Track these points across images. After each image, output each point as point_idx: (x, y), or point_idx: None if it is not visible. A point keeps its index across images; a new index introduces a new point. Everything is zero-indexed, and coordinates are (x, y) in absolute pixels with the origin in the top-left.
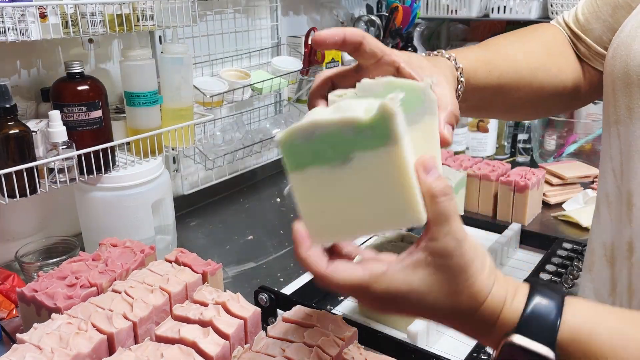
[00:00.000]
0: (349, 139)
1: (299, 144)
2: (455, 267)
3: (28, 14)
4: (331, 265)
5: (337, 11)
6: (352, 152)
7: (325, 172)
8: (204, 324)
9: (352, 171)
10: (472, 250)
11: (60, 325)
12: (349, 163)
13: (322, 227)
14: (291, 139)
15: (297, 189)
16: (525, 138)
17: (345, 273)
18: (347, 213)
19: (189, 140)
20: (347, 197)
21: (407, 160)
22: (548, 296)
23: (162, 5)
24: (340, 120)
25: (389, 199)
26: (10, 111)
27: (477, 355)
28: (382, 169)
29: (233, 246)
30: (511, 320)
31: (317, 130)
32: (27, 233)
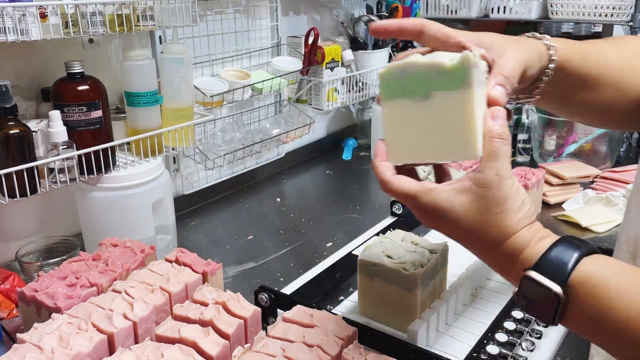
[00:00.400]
0: (433, 79)
1: (393, 78)
2: (490, 198)
3: (28, 14)
4: (394, 175)
5: (337, 11)
6: (433, 90)
7: (410, 104)
8: (204, 323)
9: (430, 107)
10: (511, 190)
11: (61, 325)
12: (429, 99)
13: (399, 149)
14: (388, 73)
15: (385, 116)
16: (525, 138)
17: (403, 183)
18: (421, 141)
19: (189, 140)
20: (422, 128)
21: (475, 103)
22: (572, 246)
23: (162, 6)
24: (429, 63)
25: (454, 134)
26: (10, 111)
27: (477, 355)
28: (454, 107)
29: (233, 246)
30: (532, 259)
31: (410, 68)
32: (27, 233)
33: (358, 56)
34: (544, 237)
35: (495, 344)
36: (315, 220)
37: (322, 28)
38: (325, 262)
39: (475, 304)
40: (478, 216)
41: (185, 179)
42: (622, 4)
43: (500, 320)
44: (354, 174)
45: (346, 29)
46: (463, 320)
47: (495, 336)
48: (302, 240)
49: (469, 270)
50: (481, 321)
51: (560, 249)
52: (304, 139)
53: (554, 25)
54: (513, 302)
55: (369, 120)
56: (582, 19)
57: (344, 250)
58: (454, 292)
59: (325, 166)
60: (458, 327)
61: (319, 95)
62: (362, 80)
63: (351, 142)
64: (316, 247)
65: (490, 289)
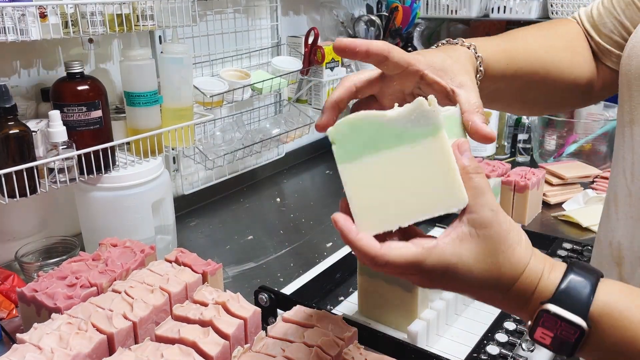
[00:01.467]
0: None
1: (350, 137)
2: (495, 236)
3: (28, 13)
4: (384, 246)
5: (337, 11)
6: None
7: (376, 162)
8: (204, 324)
9: (402, 159)
10: (507, 222)
11: (60, 325)
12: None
13: (372, 216)
14: (343, 133)
15: (348, 182)
16: (525, 138)
17: (400, 250)
18: (397, 201)
19: (189, 140)
20: (396, 185)
21: (449, 148)
22: (583, 274)
23: (162, 5)
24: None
25: (436, 184)
26: (10, 111)
27: (477, 355)
28: (431, 155)
29: (233, 246)
30: (547, 292)
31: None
32: (27, 233)
33: None
34: (553, 267)
35: (495, 344)
36: (315, 220)
37: (322, 28)
38: (325, 262)
39: (475, 304)
40: (489, 259)
41: (185, 179)
42: None
43: (500, 320)
44: None
45: (346, 29)
46: (463, 320)
47: (495, 336)
48: (302, 240)
49: None
50: (481, 321)
51: (575, 278)
52: (304, 139)
53: None
54: None
55: None
56: None
57: (344, 250)
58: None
59: (325, 166)
60: (458, 327)
61: (319, 95)
62: None
63: None
64: (316, 247)
65: None
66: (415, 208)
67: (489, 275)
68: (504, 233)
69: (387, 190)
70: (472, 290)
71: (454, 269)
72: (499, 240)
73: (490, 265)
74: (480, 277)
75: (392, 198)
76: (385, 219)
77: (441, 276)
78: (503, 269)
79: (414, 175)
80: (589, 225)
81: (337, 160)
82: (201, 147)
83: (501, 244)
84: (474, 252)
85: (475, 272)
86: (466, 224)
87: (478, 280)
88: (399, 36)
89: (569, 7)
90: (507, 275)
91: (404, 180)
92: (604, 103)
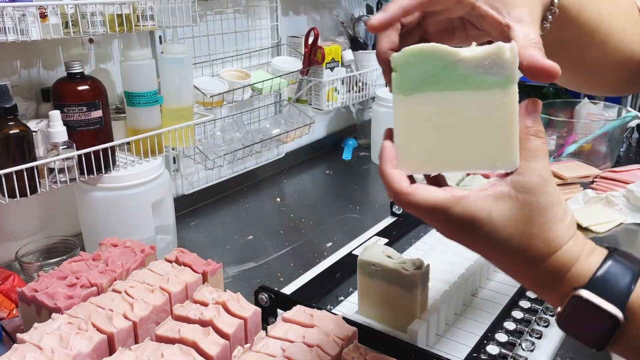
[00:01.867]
0: (468, 72)
1: (414, 67)
2: (534, 205)
3: (28, 14)
4: (412, 186)
5: (337, 11)
6: (465, 85)
7: (433, 101)
8: (204, 323)
9: (461, 105)
10: (555, 195)
11: (61, 325)
12: (459, 96)
13: (414, 155)
14: (408, 61)
15: (399, 114)
16: None
17: (427, 193)
18: (443, 146)
19: (189, 140)
20: (447, 130)
21: (517, 105)
22: (625, 262)
23: (162, 6)
24: (469, 53)
25: (490, 139)
26: (10, 111)
27: (477, 355)
28: (494, 107)
29: (233, 246)
30: (582, 277)
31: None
32: (27, 233)
33: (358, 56)
34: (592, 251)
35: (495, 344)
36: (315, 220)
37: (322, 28)
38: (325, 262)
39: (475, 304)
40: (521, 227)
41: (185, 179)
42: None
43: (500, 320)
44: (354, 174)
45: (346, 29)
46: (463, 320)
47: (495, 336)
48: (302, 240)
49: (469, 271)
50: (481, 321)
51: (614, 266)
52: (304, 139)
53: None
54: (513, 302)
55: (369, 120)
56: None
57: (344, 250)
58: (453, 292)
59: (325, 166)
60: (458, 327)
61: (319, 95)
62: (362, 80)
63: (351, 142)
64: (316, 247)
65: (490, 289)
66: (461, 158)
67: (516, 243)
68: (547, 205)
69: (437, 133)
70: (496, 255)
71: (479, 224)
72: (538, 210)
73: (520, 233)
74: (506, 241)
75: (440, 142)
76: (426, 161)
77: (465, 229)
78: (534, 241)
79: (469, 125)
80: (588, 225)
81: (394, 89)
82: (201, 147)
83: (539, 215)
84: (506, 214)
85: (502, 235)
86: (508, 184)
87: (504, 244)
88: None
89: None
90: (537, 249)
91: (457, 127)
92: (603, 103)
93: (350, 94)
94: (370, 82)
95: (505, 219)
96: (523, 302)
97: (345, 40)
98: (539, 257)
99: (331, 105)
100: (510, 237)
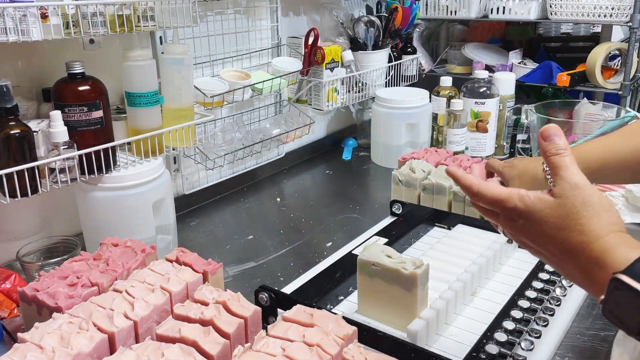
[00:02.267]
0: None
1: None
2: (568, 205)
3: (29, 14)
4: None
5: (337, 12)
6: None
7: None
8: (205, 323)
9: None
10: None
11: (62, 325)
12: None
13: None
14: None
15: None
16: (525, 138)
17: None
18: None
19: (190, 140)
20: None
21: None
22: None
23: (163, 6)
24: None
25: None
26: (11, 111)
27: (477, 354)
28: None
29: (233, 246)
30: (622, 264)
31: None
32: (28, 233)
33: (358, 57)
34: (637, 246)
35: (494, 344)
36: (315, 220)
37: (322, 28)
38: (325, 262)
39: (474, 303)
40: (557, 222)
41: (186, 179)
42: (621, 4)
43: (500, 319)
44: (353, 174)
45: (346, 29)
46: (463, 319)
47: (495, 335)
48: (302, 240)
49: (469, 271)
50: (480, 321)
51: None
52: (304, 139)
53: (553, 26)
54: (513, 302)
55: (369, 121)
56: (581, 20)
57: (343, 250)
58: (453, 292)
59: (325, 166)
60: (457, 326)
61: (319, 95)
62: (362, 81)
63: (351, 142)
64: (316, 247)
65: (489, 289)
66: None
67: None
68: (581, 203)
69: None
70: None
71: (528, 214)
72: (574, 207)
73: (557, 228)
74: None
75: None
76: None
77: (519, 218)
78: (570, 233)
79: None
80: None
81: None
82: (202, 147)
83: (574, 212)
84: (545, 211)
85: (545, 228)
86: (548, 193)
87: (547, 235)
88: (398, 37)
89: (568, 8)
90: (575, 239)
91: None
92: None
93: (350, 94)
94: (370, 83)
95: (546, 215)
96: (522, 301)
97: (345, 41)
98: (578, 246)
99: (331, 106)
100: (550, 229)
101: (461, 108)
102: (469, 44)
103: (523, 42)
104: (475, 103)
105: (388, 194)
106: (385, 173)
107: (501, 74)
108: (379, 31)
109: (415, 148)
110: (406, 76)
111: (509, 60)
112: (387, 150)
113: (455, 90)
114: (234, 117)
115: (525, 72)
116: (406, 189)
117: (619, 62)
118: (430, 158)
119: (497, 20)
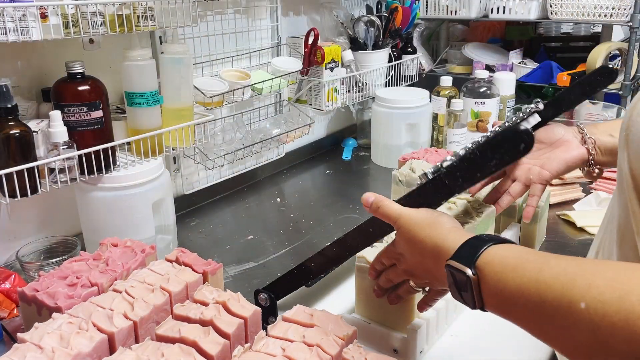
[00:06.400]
0: None
1: None
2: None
3: (29, 14)
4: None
5: (337, 12)
6: None
7: None
8: (205, 323)
9: None
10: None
11: (61, 325)
12: None
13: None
14: None
15: None
16: None
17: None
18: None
19: (189, 140)
20: None
21: None
22: (485, 238)
23: (163, 6)
24: None
25: None
26: (11, 111)
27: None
28: None
29: (233, 246)
30: (452, 252)
31: None
32: (28, 233)
33: (358, 56)
34: (467, 235)
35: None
36: (315, 220)
37: (322, 28)
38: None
39: None
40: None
41: (186, 179)
42: (621, 4)
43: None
44: (353, 174)
45: (346, 29)
46: (463, 319)
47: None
48: (302, 240)
49: None
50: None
51: (473, 240)
52: (304, 139)
53: (553, 26)
54: None
55: (369, 120)
56: (582, 19)
57: None
58: None
59: (325, 166)
60: (457, 326)
61: (319, 95)
62: (362, 81)
63: (351, 142)
64: (316, 247)
65: None
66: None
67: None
68: (412, 227)
69: None
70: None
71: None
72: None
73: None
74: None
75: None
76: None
77: (398, 256)
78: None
79: None
80: (583, 225)
81: None
82: (201, 147)
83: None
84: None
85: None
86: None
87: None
88: (398, 37)
89: (569, 8)
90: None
91: None
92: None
93: (350, 94)
94: (370, 82)
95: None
96: None
97: (345, 41)
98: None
99: (331, 106)
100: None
101: (461, 108)
102: (469, 44)
103: (523, 42)
104: (476, 103)
105: (388, 194)
106: (385, 173)
107: (501, 73)
108: (379, 31)
109: (415, 148)
110: (406, 76)
111: (509, 60)
112: (387, 150)
113: (456, 90)
114: (234, 117)
115: (526, 72)
116: (406, 189)
117: (619, 62)
118: (431, 158)
119: (497, 20)
